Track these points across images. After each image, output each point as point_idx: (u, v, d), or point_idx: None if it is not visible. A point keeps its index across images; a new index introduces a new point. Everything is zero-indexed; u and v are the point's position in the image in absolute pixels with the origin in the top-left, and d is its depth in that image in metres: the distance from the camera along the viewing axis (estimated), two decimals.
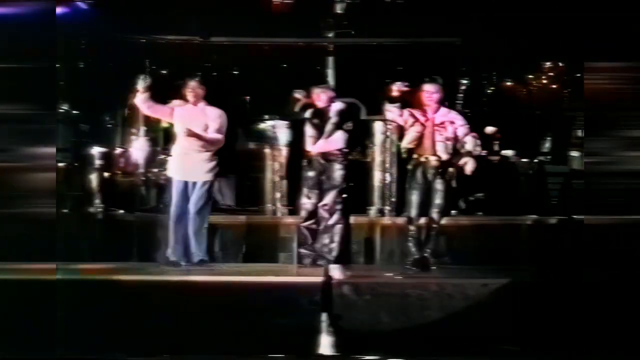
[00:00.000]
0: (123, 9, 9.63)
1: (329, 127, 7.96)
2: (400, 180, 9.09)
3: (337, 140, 8.00)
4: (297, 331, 6.44)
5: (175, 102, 8.04)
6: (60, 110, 9.80)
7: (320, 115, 8.00)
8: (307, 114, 8.01)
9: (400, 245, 8.33)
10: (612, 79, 6.37)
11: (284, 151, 9.13)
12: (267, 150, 9.30)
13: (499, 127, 10.14)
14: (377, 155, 9.13)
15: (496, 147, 10.30)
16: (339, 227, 7.99)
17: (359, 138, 9.18)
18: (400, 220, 8.41)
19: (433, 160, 7.80)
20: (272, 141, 9.26)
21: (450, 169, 7.82)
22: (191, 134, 7.77)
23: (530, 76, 11.95)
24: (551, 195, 9.94)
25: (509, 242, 8.63)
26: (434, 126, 7.83)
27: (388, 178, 9.08)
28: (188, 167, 7.88)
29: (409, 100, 7.89)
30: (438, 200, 7.79)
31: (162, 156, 10.47)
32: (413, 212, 7.87)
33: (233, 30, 10.36)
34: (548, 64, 11.78)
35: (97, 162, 9.62)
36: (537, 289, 6.92)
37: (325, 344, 6.35)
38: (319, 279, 6.96)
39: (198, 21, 10.25)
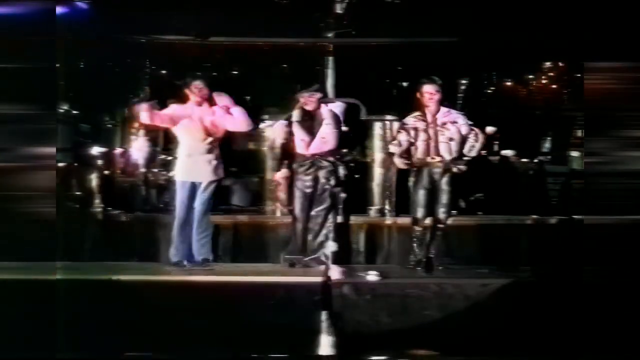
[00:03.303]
0: (123, 9, 9.62)
1: (323, 128, 7.93)
2: (400, 181, 9.11)
3: (331, 141, 7.98)
4: (297, 331, 6.44)
5: (174, 106, 7.94)
6: (60, 110, 9.80)
7: (312, 117, 7.96)
8: (297, 116, 7.96)
9: (403, 245, 8.35)
10: (612, 79, 6.37)
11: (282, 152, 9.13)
12: (267, 151, 9.30)
13: (499, 127, 10.14)
14: (377, 155, 9.13)
15: (496, 147, 10.30)
16: (335, 227, 8.00)
17: (359, 138, 9.21)
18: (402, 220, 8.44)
19: (437, 161, 7.78)
20: (272, 141, 9.25)
21: (454, 169, 7.81)
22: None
23: (530, 76, 11.95)
24: (551, 195, 9.95)
25: (509, 242, 8.63)
26: (436, 127, 7.81)
27: (388, 178, 9.08)
28: (195, 168, 7.79)
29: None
30: (444, 200, 7.78)
31: (162, 156, 10.52)
32: (419, 213, 7.86)
33: (233, 30, 10.35)
34: (548, 64, 11.78)
35: (97, 162, 9.62)
36: (536, 289, 6.91)
37: (325, 343, 6.35)
38: (319, 278, 6.97)
39: (198, 21, 10.24)
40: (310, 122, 7.93)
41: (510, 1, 9.81)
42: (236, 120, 7.84)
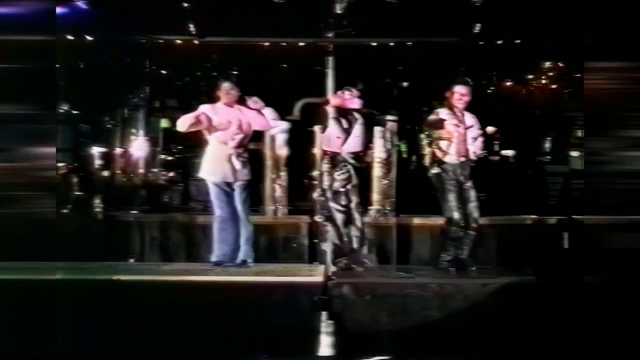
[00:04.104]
0: (123, 9, 9.62)
1: (357, 127, 7.97)
2: (400, 181, 9.11)
3: (363, 140, 8.03)
4: (297, 331, 6.44)
5: (204, 107, 7.92)
6: (60, 110, 9.80)
7: (348, 116, 8.00)
8: (334, 114, 7.98)
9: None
10: (612, 79, 6.37)
11: (288, 151, 9.14)
12: (267, 151, 9.29)
13: (499, 127, 10.14)
14: (381, 155, 9.12)
15: (496, 147, 10.29)
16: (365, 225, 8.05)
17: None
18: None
19: (467, 162, 7.84)
20: (272, 141, 9.26)
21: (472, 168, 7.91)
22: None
23: (530, 76, 11.94)
24: (551, 195, 9.94)
25: (509, 242, 8.64)
26: (465, 127, 7.86)
27: (391, 178, 9.09)
28: (227, 168, 7.81)
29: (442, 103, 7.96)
30: (474, 200, 7.84)
31: (162, 156, 10.52)
32: (456, 213, 7.87)
33: (233, 30, 10.35)
34: (548, 64, 11.77)
35: (97, 162, 9.62)
36: (537, 289, 6.91)
37: (325, 344, 6.35)
38: (319, 279, 6.97)
39: (198, 21, 10.24)
40: (346, 121, 7.97)
41: (510, 1, 9.80)
42: (266, 120, 7.94)
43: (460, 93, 7.88)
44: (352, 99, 8.04)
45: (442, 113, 7.90)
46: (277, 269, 7.77)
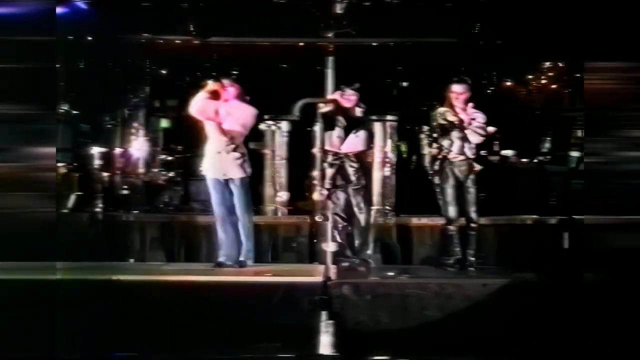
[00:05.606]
0: (123, 9, 9.62)
1: (357, 126, 7.95)
2: (400, 181, 9.12)
3: (363, 140, 8.01)
4: (297, 331, 6.44)
5: (207, 100, 7.83)
6: (60, 110, 9.81)
7: (347, 115, 7.98)
8: (333, 114, 7.95)
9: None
10: (612, 79, 6.37)
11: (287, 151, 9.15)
12: (267, 151, 9.30)
13: (499, 127, 10.14)
14: (379, 155, 9.13)
15: (496, 147, 10.30)
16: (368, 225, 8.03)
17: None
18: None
19: (463, 159, 7.83)
20: (272, 141, 9.27)
21: (477, 168, 7.87)
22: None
23: (530, 76, 11.94)
24: (551, 195, 9.94)
25: (509, 242, 8.63)
26: (463, 126, 7.84)
27: (392, 178, 9.10)
28: (225, 164, 7.76)
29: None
30: (473, 199, 7.83)
31: (163, 156, 10.53)
32: (452, 212, 7.87)
33: (233, 30, 10.36)
34: (548, 64, 11.77)
35: (97, 162, 9.63)
36: (537, 289, 6.91)
37: (325, 344, 6.35)
38: (319, 278, 6.97)
39: (197, 21, 10.24)
40: (345, 120, 7.93)
41: (510, 1, 9.80)
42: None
43: (457, 92, 7.88)
44: (349, 98, 8.00)
45: (442, 112, 7.91)
46: (277, 269, 7.78)
